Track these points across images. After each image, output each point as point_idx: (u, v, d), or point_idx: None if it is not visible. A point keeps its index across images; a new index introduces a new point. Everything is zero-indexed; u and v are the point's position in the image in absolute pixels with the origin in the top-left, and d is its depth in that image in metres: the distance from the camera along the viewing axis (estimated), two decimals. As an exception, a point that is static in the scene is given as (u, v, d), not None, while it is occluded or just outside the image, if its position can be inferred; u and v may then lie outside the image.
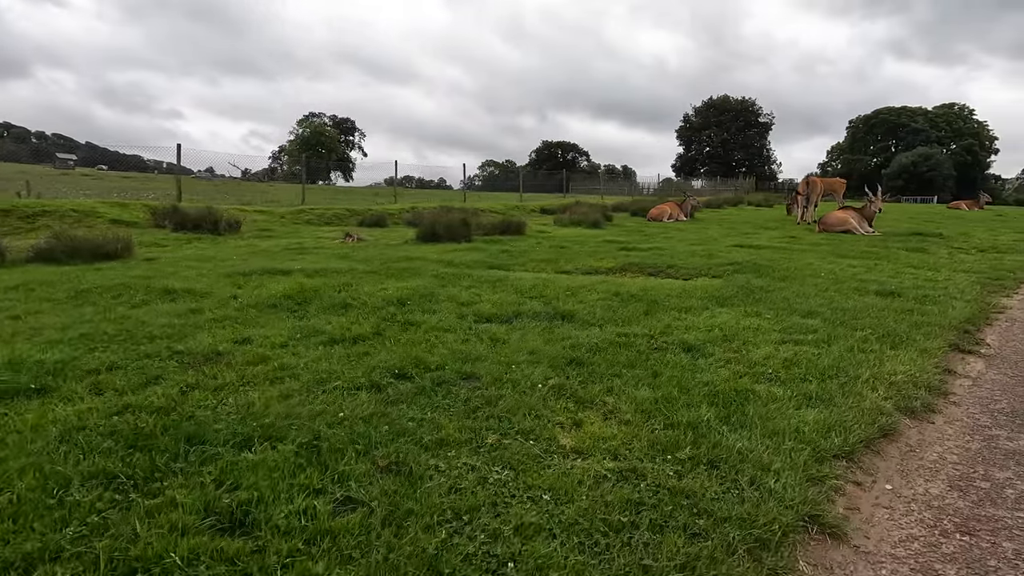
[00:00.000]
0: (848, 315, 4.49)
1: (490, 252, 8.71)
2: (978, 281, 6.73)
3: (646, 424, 2.37)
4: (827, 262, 8.06)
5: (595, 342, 3.51)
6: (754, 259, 8.19)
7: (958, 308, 4.98)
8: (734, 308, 4.70)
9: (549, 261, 7.87)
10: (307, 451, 1.94)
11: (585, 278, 6.33)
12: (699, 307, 4.67)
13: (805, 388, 2.83)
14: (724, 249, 9.51)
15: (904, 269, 7.58)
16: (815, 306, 4.78)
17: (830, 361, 3.28)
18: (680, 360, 3.24)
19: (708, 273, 7.09)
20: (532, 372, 2.93)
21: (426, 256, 7.93)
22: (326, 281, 5.33)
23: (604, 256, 8.40)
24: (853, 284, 6.05)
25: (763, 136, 69.00)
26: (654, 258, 8.30)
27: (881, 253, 9.22)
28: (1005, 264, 8.37)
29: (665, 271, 7.34)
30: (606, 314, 4.34)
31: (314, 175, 68.18)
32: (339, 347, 3.29)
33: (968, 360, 3.73)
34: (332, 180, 73.12)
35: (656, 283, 6.04)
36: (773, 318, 4.35)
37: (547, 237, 11.59)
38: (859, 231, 13.06)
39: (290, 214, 13.52)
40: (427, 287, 5.26)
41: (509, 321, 4.10)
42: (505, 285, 5.50)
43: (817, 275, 6.72)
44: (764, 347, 3.56)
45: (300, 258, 7.51)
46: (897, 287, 5.93)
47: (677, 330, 3.91)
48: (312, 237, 10.81)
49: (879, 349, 3.58)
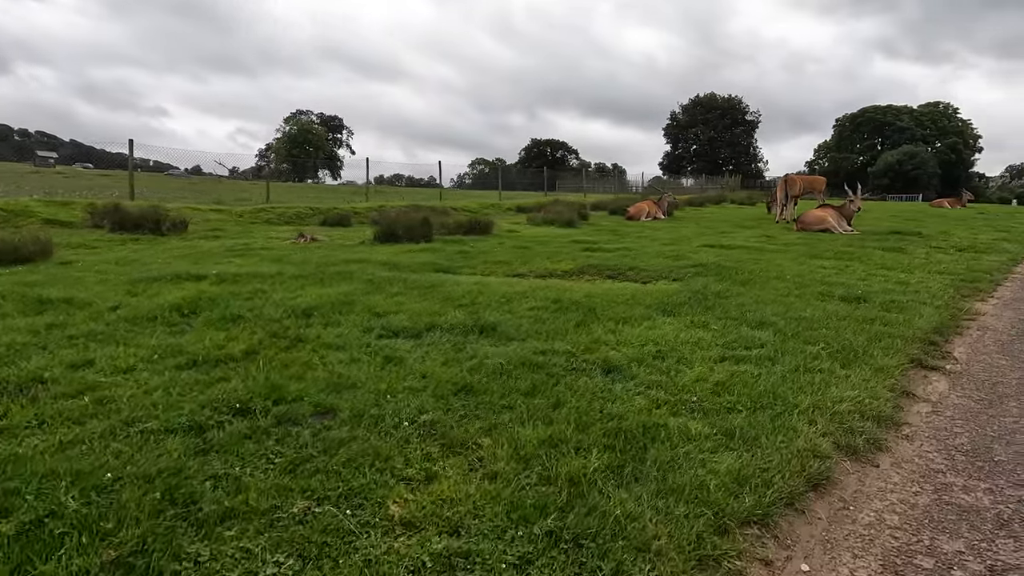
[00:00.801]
0: (804, 326, 4.05)
1: (446, 253, 8.22)
2: (952, 284, 6.34)
3: (516, 478, 1.89)
4: (797, 263, 7.65)
5: (503, 363, 3.03)
6: (721, 260, 7.77)
7: (926, 316, 4.57)
8: (680, 317, 4.25)
9: (504, 263, 7.40)
10: (21, 537, 1.44)
11: (533, 282, 5.86)
12: (641, 317, 4.21)
13: (729, 422, 2.36)
14: (693, 249, 9.09)
15: (877, 271, 7.18)
16: (769, 315, 4.34)
17: (768, 384, 2.83)
18: (594, 385, 2.77)
19: (669, 276, 6.65)
20: (408, 404, 2.45)
21: (372, 258, 7.42)
22: (236, 288, 4.82)
23: (564, 258, 7.94)
24: (818, 288, 5.63)
25: (750, 134, 68.91)
26: (618, 259, 7.86)
27: (856, 253, 8.84)
28: (982, 265, 8.00)
29: (625, 273, 6.90)
30: (533, 326, 3.87)
31: (301, 173, 67.38)
32: (194, 371, 2.79)
33: (931, 379, 3.30)
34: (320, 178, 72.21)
35: (607, 288, 5.58)
36: (719, 330, 3.90)
37: (514, 237, 11.12)
38: (837, 230, 12.71)
39: (249, 213, 12.93)
40: (349, 294, 4.76)
41: (419, 336, 3.61)
42: (437, 292, 5.01)
43: (783, 278, 6.29)
44: (698, 366, 3.10)
45: (232, 261, 6.97)
46: (864, 292, 5.51)
47: (606, 345, 3.44)
48: (263, 237, 10.25)
49: (829, 368, 3.13)
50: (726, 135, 66.12)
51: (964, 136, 70.14)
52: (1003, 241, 11.59)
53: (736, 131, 67.08)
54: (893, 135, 70.44)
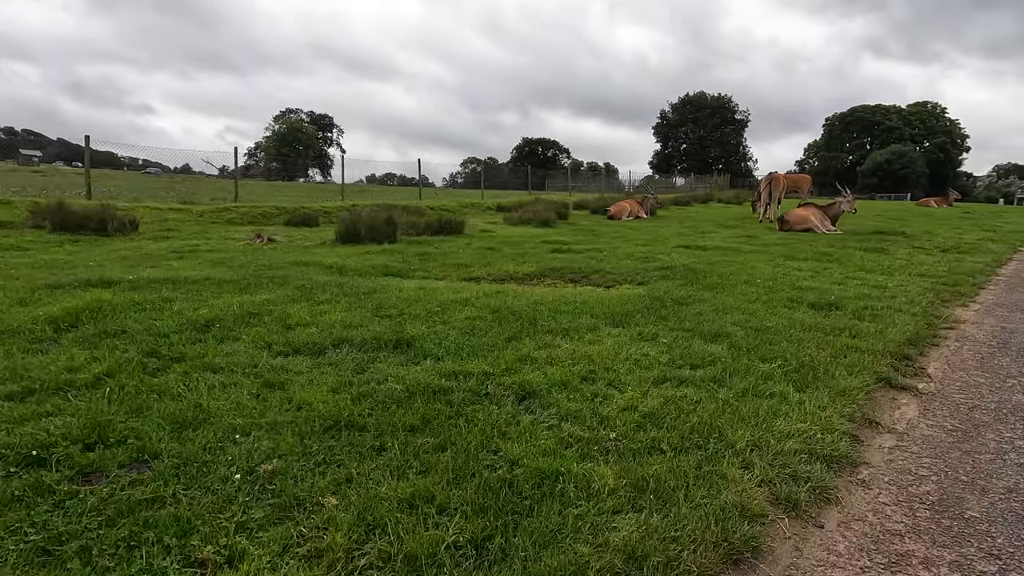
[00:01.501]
0: (763, 338, 3.63)
1: (405, 255, 7.77)
2: (932, 288, 5.97)
3: (346, 559, 1.45)
4: (772, 265, 7.26)
5: (401, 388, 2.59)
6: (693, 262, 7.37)
7: (900, 325, 4.17)
8: (629, 328, 3.83)
9: (463, 266, 6.96)
10: None
11: (484, 287, 5.42)
12: (585, 328, 3.78)
13: (646, 469, 1.94)
14: (668, 250, 8.69)
15: (855, 273, 6.80)
16: (728, 325, 3.93)
17: (707, 415, 2.40)
18: (499, 417, 2.33)
19: (634, 279, 6.24)
20: (257, 447, 2.00)
21: (321, 260, 6.96)
22: (142, 296, 4.34)
23: (530, 259, 7.51)
24: (788, 293, 5.23)
25: (739, 133, 68.81)
26: (585, 261, 7.44)
27: (835, 254, 8.47)
28: (965, 267, 7.65)
29: (589, 277, 6.48)
30: (460, 340, 3.43)
31: (291, 172, 66.53)
32: (19, 403, 2.32)
33: (899, 402, 2.89)
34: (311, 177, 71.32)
35: (562, 294, 5.15)
36: (669, 343, 3.48)
37: (485, 237, 10.68)
38: (820, 229, 12.37)
39: (211, 213, 12.40)
40: (268, 303, 4.30)
41: (322, 353, 3.16)
42: (371, 299, 4.56)
43: (753, 282, 5.90)
44: (631, 391, 2.67)
45: (169, 264, 6.48)
46: (838, 297, 5.12)
47: (532, 365, 3.01)
48: (219, 238, 9.75)
49: (782, 392, 2.71)
50: (715, 134, 65.94)
51: (952, 136, 70.43)
52: (988, 241, 11.28)
53: (726, 130, 66.93)
54: (882, 134, 70.62)
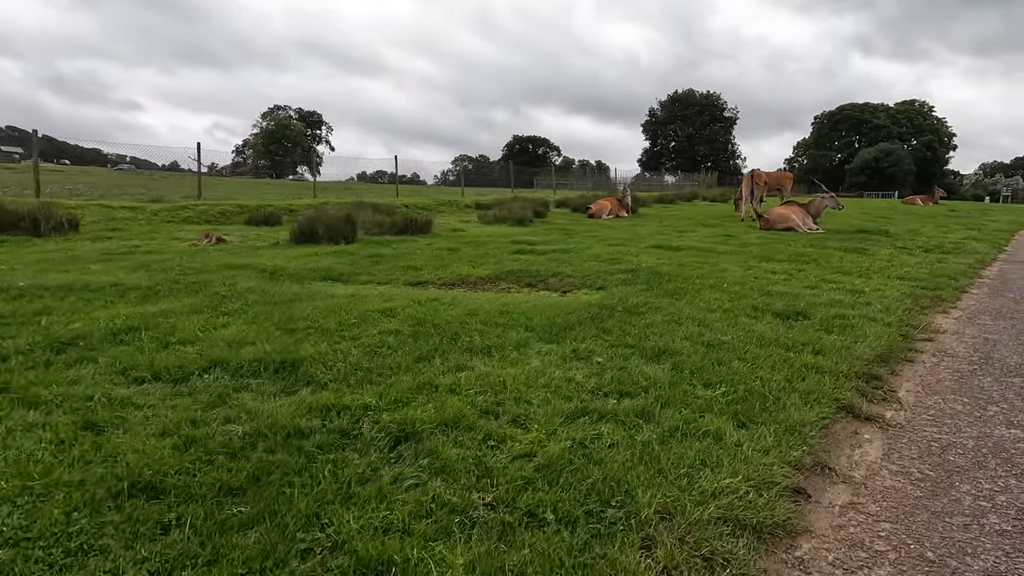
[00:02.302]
0: (713, 356, 3.17)
1: (356, 257, 7.27)
2: (912, 292, 5.55)
3: None
4: (745, 267, 6.83)
5: (246, 430, 2.10)
6: (662, 264, 6.93)
7: (871, 338, 3.73)
8: (563, 344, 3.35)
9: (414, 269, 6.47)
10: None
11: (424, 294, 4.93)
12: (513, 345, 3.31)
13: (511, 554, 1.46)
14: (639, 251, 8.24)
15: (831, 276, 6.38)
16: (678, 340, 3.46)
17: (618, 465, 1.93)
18: (354, 472, 1.85)
19: (595, 283, 5.79)
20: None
21: (262, 263, 6.44)
22: (15, 307, 3.82)
23: (488, 262, 7.04)
24: (754, 300, 4.78)
25: (728, 131, 68.60)
26: (547, 263, 6.97)
27: (813, 255, 8.06)
28: (948, 268, 7.26)
29: (546, 281, 6.01)
30: (360, 361, 2.94)
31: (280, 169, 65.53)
32: None
33: (861, 437, 2.44)
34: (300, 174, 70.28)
35: (508, 301, 4.67)
36: (603, 364, 3.01)
37: (452, 237, 10.18)
38: (802, 228, 11.98)
39: (167, 211, 11.79)
40: (165, 314, 3.79)
41: (184, 380, 2.66)
42: (286, 309, 4.07)
43: (719, 286, 5.45)
44: (537, 430, 2.20)
45: (87, 267, 5.94)
46: (807, 305, 4.68)
47: (429, 394, 2.53)
48: (165, 238, 9.18)
49: (718, 429, 2.25)
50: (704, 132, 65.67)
51: (939, 134, 70.69)
52: (972, 240, 10.94)
53: (714, 128, 66.68)
54: (870, 132, 70.74)
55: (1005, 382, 3.14)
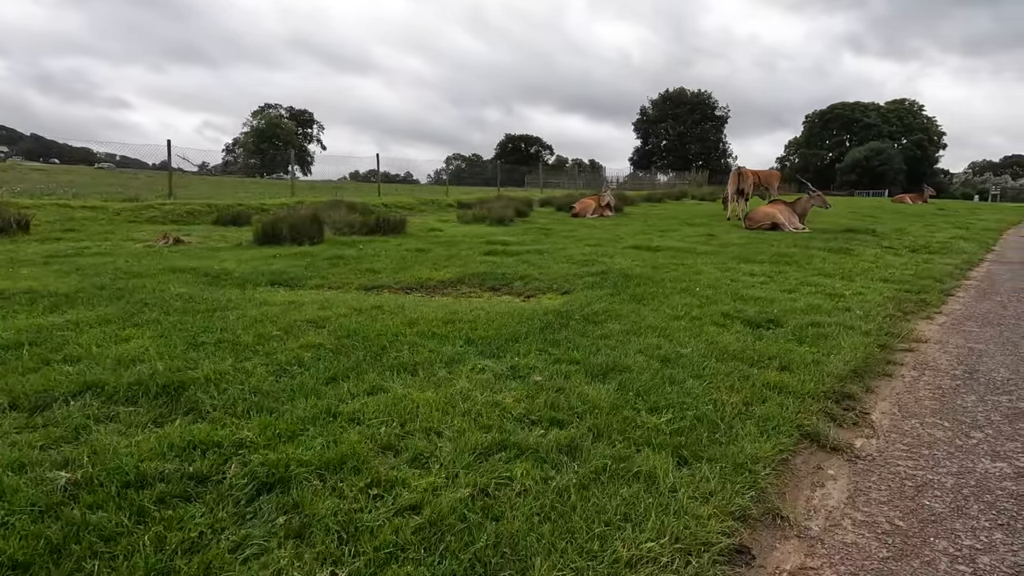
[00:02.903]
0: (666, 374, 2.83)
1: (316, 259, 6.89)
2: (894, 296, 5.24)
3: None
4: (722, 269, 6.51)
5: (66, 480, 1.73)
6: (636, 266, 6.60)
7: (846, 350, 3.40)
8: (503, 360, 3.00)
9: (372, 272, 6.10)
10: None
11: (362, 301, 4.57)
12: (445, 361, 2.95)
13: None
14: (615, 252, 7.91)
15: (811, 278, 6.06)
16: (632, 354, 3.12)
17: (520, 522, 1.58)
18: (181, 540, 1.48)
19: (561, 287, 5.45)
20: None
21: (210, 266, 6.05)
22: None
23: (454, 264, 6.68)
24: (725, 306, 4.45)
25: (719, 129, 68.46)
26: (516, 265, 6.62)
27: (796, 255, 7.75)
28: (934, 270, 6.97)
29: (511, 284, 5.67)
30: (262, 384, 2.57)
31: (270, 168, 64.73)
32: None
33: (825, 473, 2.10)
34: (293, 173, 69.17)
35: (454, 309, 4.31)
36: (540, 384, 2.65)
37: (423, 237, 9.81)
38: (787, 228, 11.69)
39: (131, 210, 11.34)
40: (67, 325, 3.41)
41: (47, 407, 2.29)
42: (207, 320, 3.69)
43: (691, 290, 5.12)
44: (438, 471, 1.84)
45: (18, 272, 5.53)
46: (782, 311, 4.35)
47: (324, 425, 2.17)
48: (121, 239, 8.75)
49: (652, 469, 1.90)
50: (695, 130, 65.49)
51: (929, 133, 70.91)
52: (960, 240, 10.68)
53: (705, 126, 66.53)
54: (861, 131, 70.83)
55: (991, 401, 2.81)
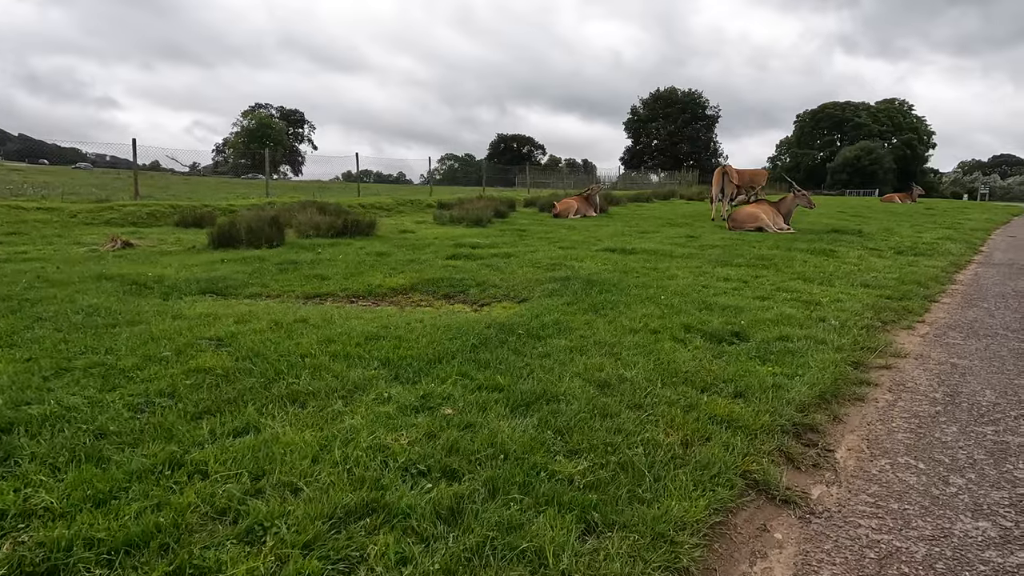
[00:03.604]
0: (600, 404, 2.43)
1: (266, 264, 6.46)
2: (874, 304, 4.87)
3: None
4: (696, 274, 6.13)
5: None
6: (605, 271, 6.22)
7: (814, 369, 3.02)
8: (417, 386, 2.60)
9: (320, 279, 5.69)
10: None
11: (284, 314, 4.15)
12: (348, 389, 2.54)
13: None
14: (587, 255, 7.52)
15: (789, 284, 5.70)
16: (567, 378, 2.72)
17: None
18: None
19: (519, 295, 5.07)
20: None
21: (144, 273, 5.61)
22: None
23: (411, 269, 6.28)
24: (689, 317, 4.06)
25: (710, 129, 68.26)
26: (478, 270, 6.23)
27: (776, 258, 7.39)
28: (918, 273, 6.62)
29: (466, 292, 5.28)
30: (110, 423, 2.16)
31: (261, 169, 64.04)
32: None
33: (769, 538, 1.71)
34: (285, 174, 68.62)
35: (386, 323, 3.90)
36: (451, 417, 2.25)
37: (392, 240, 9.39)
38: (772, 228, 11.35)
39: (88, 212, 10.84)
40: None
41: None
42: (96, 337, 3.27)
43: (657, 298, 4.74)
44: (265, 555, 1.44)
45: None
46: (750, 322, 3.97)
47: (162, 479, 1.76)
48: (69, 242, 8.28)
49: (542, 546, 1.50)
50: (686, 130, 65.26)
51: (919, 132, 71.04)
52: (947, 241, 10.37)
53: (696, 126, 66.31)
54: (851, 131, 70.86)
55: (974, 434, 2.44)
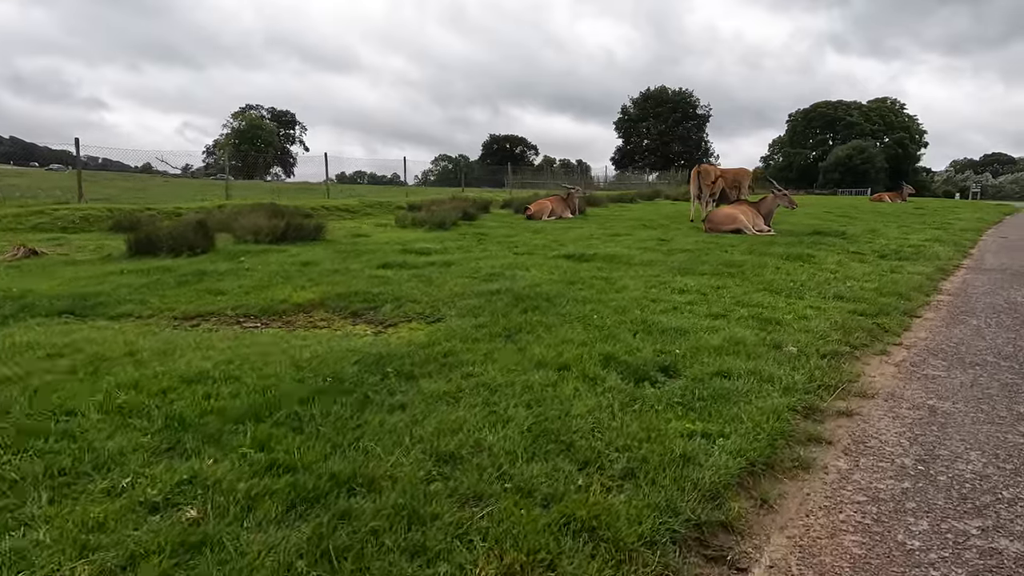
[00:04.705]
0: (415, 504, 1.71)
1: (169, 275, 5.75)
2: (844, 323, 4.17)
3: None
4: (649, 285, 5.42)
5: None
6: (549, 280, 5.52)
7: (748, 424, 2.30)
8: (186, 463, 1.87)
9: (217, 294, 4.98)
10: None
11: (118, 337, 3.42)
12: (77, 472, 1.81)
13: None
14: (537, 263, 6.82)
15: (752, 296, 5.00)
16: (404, 445, 2.00)
17: None
18: None
19: (437, 312, 4.40)
20: None
21: (9, 287, 4.86)
22: None
23: (329, 281, 5.57)
24: (614, 345, 3.35)
25: (701, 128, 67.70)
26: (407, 282, 5.54)
27: (747, 264, 6.69)
28: (900, 282, 5.93)
29: (379, 309, 4.60)
30: None
31: (251, 170, 63.02)
32: None
33: None
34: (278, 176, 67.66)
35: (246, 349, 3.17)
36: (202, 520, 1.53)
37: (337, 246, 8.63)
38: (750, 230, 10.64)
39: (14, 216, 9.98)
40: None
41: None
42: None
43: (589, 317, 4.04)
44: None
45: None
46: (688, 351, 3.26)
47: None
48: (-31, 251, 7.51)
49: None
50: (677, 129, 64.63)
51: (911, 131, 70.69)
52: (935, 243, 9.70)
53: (687, 125, 65.70)
54: (843, 130, 70.43)
55: (951, 535, 1.72)
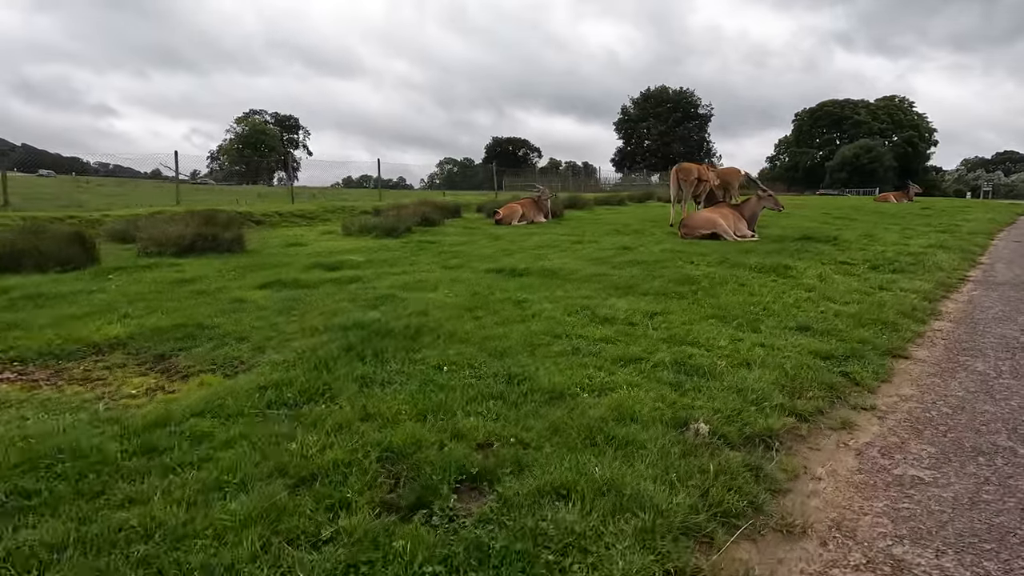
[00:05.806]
0: None
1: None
2: (798, 372, 3.04)
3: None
4: (569, 311, 4.33)
5: None
6: (447, 304, 4.52)
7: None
8: None
9: (15, 329, 3.92)
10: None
11: None
12: None
13: None
14: (465, 277, 5.83)
15: (693, 328, 3.89)
16: None
17: None
18: None
19: (254, 359, 3.37)
20: None
21: None
22: None
23: (168, 309, 4.53)
24: (428, 428, 2.31)
25: (702, 128, 66.19)
26: (275, 307, 4.50)
27: (706, 280, 5.56)
28: (889, 304, 4.77)
29: (190, 351, 3.56)
30: None
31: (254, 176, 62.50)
32: None
33: None
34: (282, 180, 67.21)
35: None
36: None
37: (248, 257, 7.59)
38: (730, 235, 9.46)
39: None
40: None
41: None
42: None
43: (435, 375, 2.95)
44: None
45: None
46: (544, 432, 2.20)
47: None
48: None
49: None
50: (678, 129, 63.20)
51: (920, 130, 68.85)
52: (938, 249, 8.48)
53: (688, 125, 64.26)
54: (850, 129, 68.71)
55: None
